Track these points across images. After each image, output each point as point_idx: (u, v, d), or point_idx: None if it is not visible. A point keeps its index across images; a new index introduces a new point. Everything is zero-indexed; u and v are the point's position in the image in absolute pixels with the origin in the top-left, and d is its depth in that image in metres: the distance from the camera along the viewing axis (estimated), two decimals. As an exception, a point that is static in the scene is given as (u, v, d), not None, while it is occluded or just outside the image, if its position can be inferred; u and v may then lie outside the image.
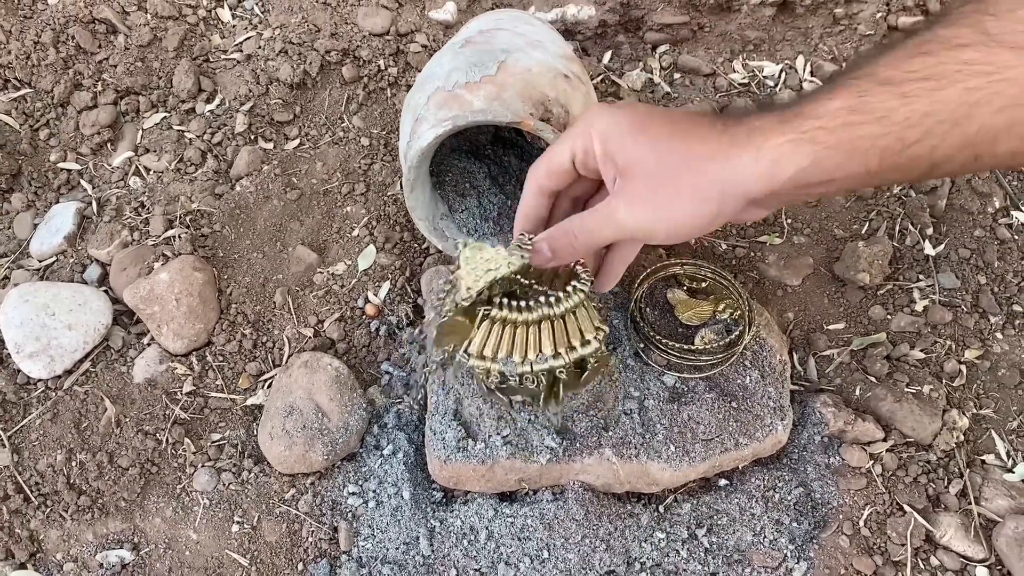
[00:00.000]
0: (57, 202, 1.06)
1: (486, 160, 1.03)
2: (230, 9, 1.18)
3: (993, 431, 0.95)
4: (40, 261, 1.02)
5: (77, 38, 1.13)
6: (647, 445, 0.86)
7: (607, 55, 1.18)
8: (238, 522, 0.89)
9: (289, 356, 0.96)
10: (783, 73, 1.17)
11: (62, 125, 1.11)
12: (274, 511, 0.90)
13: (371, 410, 0.94)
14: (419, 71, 1.13)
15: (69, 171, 1.08)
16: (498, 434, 0.86)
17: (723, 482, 0.91)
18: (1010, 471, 0.92)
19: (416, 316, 1.00)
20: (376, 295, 1.00)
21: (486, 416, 0.87)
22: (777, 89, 1.15)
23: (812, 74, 1.16)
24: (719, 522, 0.88)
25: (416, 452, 0.92)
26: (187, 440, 0.93)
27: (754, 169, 0.56)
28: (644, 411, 0.88)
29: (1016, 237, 1.05)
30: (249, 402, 0.95)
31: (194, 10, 1.17)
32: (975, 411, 0.96)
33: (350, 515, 0.89)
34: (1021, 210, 1.07)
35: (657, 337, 0.91)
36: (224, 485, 0.91)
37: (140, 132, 1.10)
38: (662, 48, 1.18)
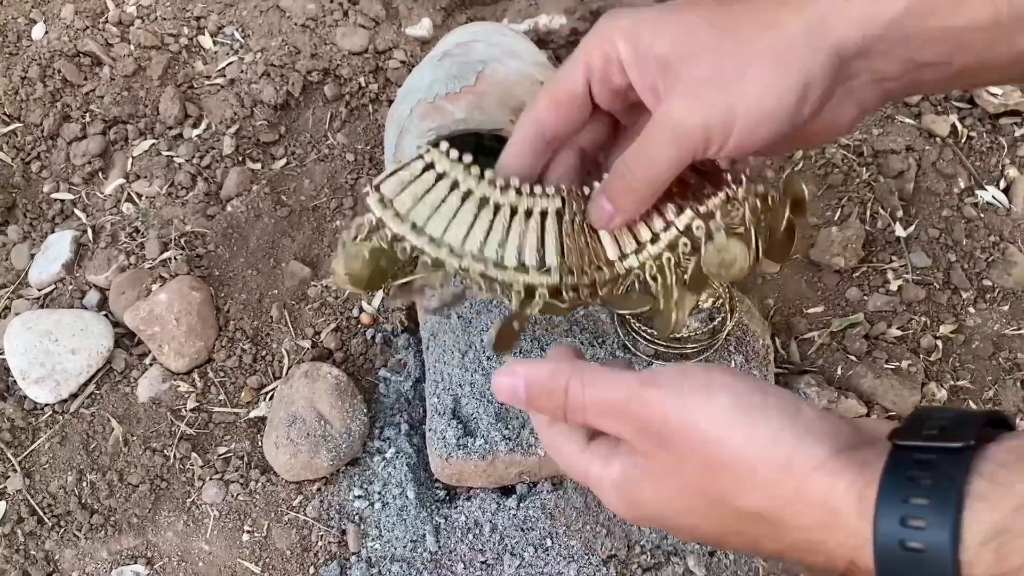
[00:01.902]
0: (52, 232, 1.09)
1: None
2: (211, 36, 1.21)
3: (971, 401, 0.99)
4: (39, 290, 1.05)
5: (63, 71, 1.15)
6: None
7: (580, 62, 1.22)
8: (249, 531, 0.92)
9: (289, 368, 0.99)
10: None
11: (53, 157, 1.13)
12: (283, 518, 0.92)
13: (372, 414, 0.97)
14: (399, 86, 1.16)
15: (63, 201, 1.11)
16: (496, 430, 0.89)
17: (715, 464, 0.94)
18: (989, 438, 0.96)
19: (410, 322, 1.03)
20: (370, 304, 1.03)
21: (483, 413, 0.90)
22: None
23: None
24: (714, 503, 0.92)
25: (417, 453, 0.95)
26: (194, 455, 0.95)
27: (846, 10, 0.45)
28: (636, 400, 0.91)
29: (982, 215, 1.09)
30: (252, 414, 0.98)
31: (176, 39, 1.20)
32: (952, 383, 1.00)
33: (357, 517, 0.92)
34: (985, 189, 1.11)
35: (644, 328, 0.94)
36: (233, 496, 0.93)
37: (130, 160, 1.13)
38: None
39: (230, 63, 1.19)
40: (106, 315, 1.02)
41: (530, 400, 0.47)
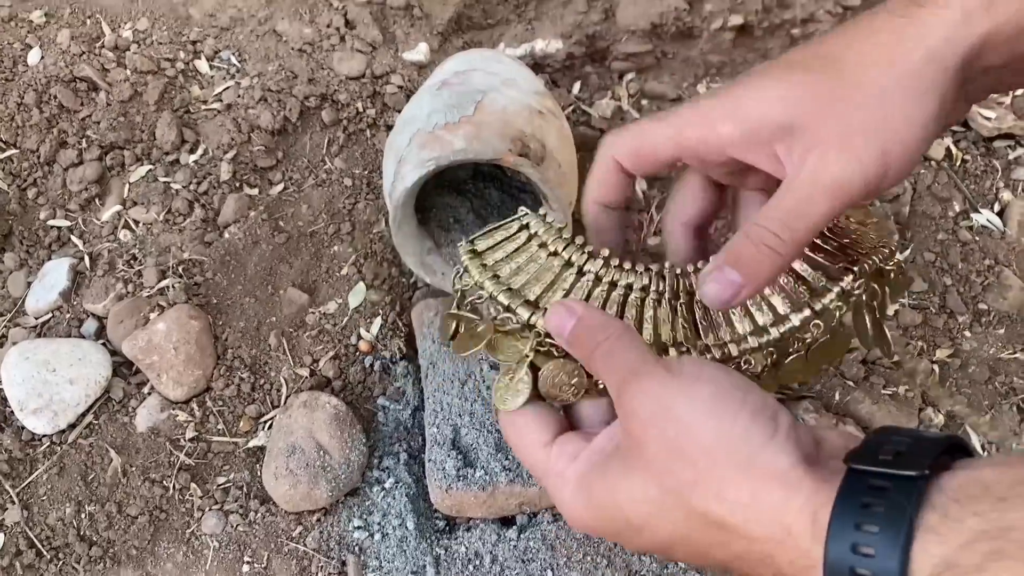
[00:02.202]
0: (49, 259, 1.08)
1: (468, 195, 1.07)
2: (208, 60, 1.21)
3: (967, 425, 0.99)
4: (36, 318, 1.04)
5: (59, 97, 1.15)
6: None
7: (576, 86, 1.23)
8: (248, 562, 0.91)
9: (287, 397, 0.99)
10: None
11: (49, 183, 1.13)
12: (283, 549, 0.92)
13: (371, 443, 0.97)
14: (396, 111, 1.17)
15: (59, 228, 1.11)
16: (496, 460, 0.89)
17: (715, 492, 0.94)
18: (986, 463, 0.96)
19: (408, 349, 1.03)
20: (368, 331, 1.03)
21: (483, 443, 0.90)
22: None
23: (774, 93, 1.21)
24: (713, 531, 0.92)
25: (416, 482, 0.95)
26: (193, 485, 0.95)
27: (966, 27, 0.45)
28: (635, 429, 0.92)
29: (977, 238, 1.10)
30: (251, 444, 0.97)
31: (172, 63, 1.20)
32: (949, 408, 1.00)
33: (357, 548, 0.92)
34: (980, 212, 1.12)
35: None
36: (232, 527, 0.93)
37: (127, 186, 1.13)
38: (628, 76, 1.23)
39: (227, 88, 1.19)
40: (104, 344, 1.02)
41: (576, 333, 0.49)
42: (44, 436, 0.97)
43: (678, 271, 0.56)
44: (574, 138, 1.03)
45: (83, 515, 0.93)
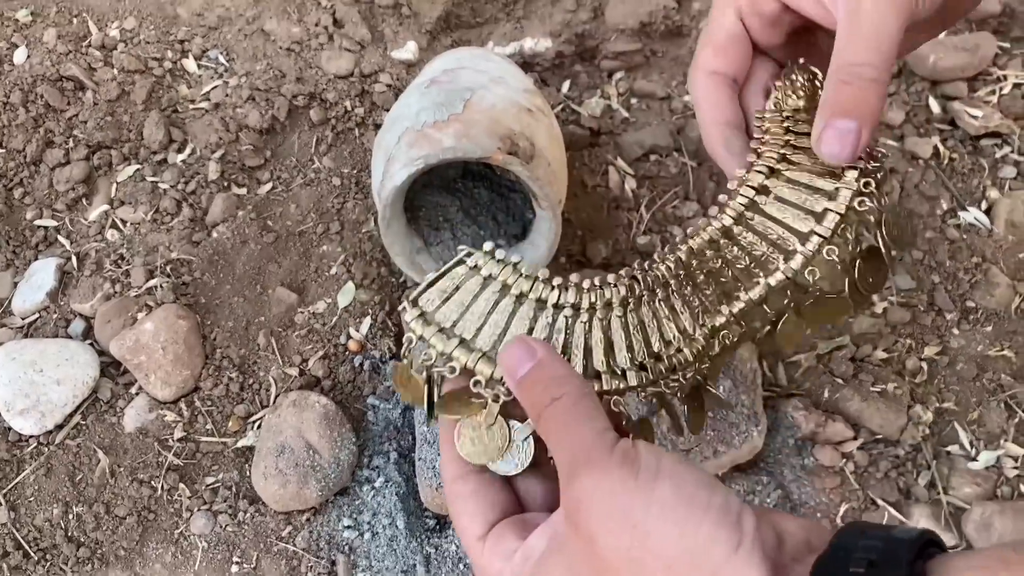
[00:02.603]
0: (36, 259, 1.08)
1: (457, 194, 1.07)
2: (195, 59, 1.21)
3: (956, 423, 0.99)
4: (23, 319, 1.04)
5: (46, 96, 1.15)
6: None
7: (566, 84, 1.23)
8: (237, 562, 0.91)
9: (276, 396, 0.99)
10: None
11: (36, 183, 1.12)
12: (272, 549, 0.92)
13: (360, 442, 0.96)
14: (385, 110, 1.16)
15: (46, 228, 1.10)
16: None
17: (705, 490, 0.95)
18: (974, 459, 0.97)
19: (398, 348, 1.03)
20: (358, 331, 1.03)
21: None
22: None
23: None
24: (703, 528, 0.92)
25: (407, 481, 0.94)
26: (182, 485, 0.94)
27: None
28: (625, 427, 0.92)
29: (964, 236, 1.10)
30: (240, 444, 0.97)
31: (160, 62, 1.20)
32: (938, 405, 1.00)
33: (347, 548, 0.91)
34: (967, 210, 1.12)
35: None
36: (221, 527, 0.93)
37: (114, 185, 1.12)
38: (618, 75, 1.23)
39: (215, 87, 1.19)
40: (91, 344, 1.01)
41: (531, 378, 0.44)
42: (31, 437, 0.96)
43: (646, 264, 0.52)
44: (563, 137, 1.03)
45: (71, 516, 0.93)
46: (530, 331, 0.49)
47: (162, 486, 0.94)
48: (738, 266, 0.51)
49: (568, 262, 1.08)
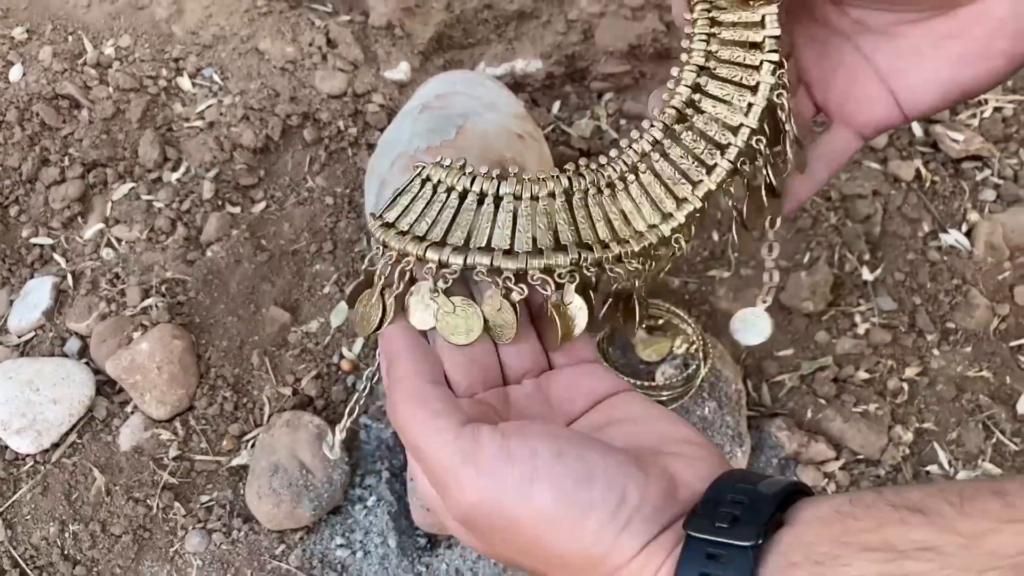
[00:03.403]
0: (31, 277, 1.09)
1: (448, 216, 1.08)
2: (190, 78, 1.22)
3: (935, 443, 1.02)
4: (19, 336, 1.05)
5: (41, 115, 1.16)
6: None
7: (556, 105, 1.25)
8: (231, 580, 0.93)
9: (270, 416, 1.00)
10: None
11: (31, 201, 1.13)
12: (265, 567, 0.93)
13: (353, 461, 0.98)
14: (378, 130, 1.18)
15: (41, 246, 1.11)
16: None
17: (690, 509, 0.97)
18: (952, 479, 0.99)
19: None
20: (351, 350, 1.04)
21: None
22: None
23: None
24: (689, 547, 0.94)
25: (398, 500, 0.96)
26: (177, 504, 0.96)
27: None
28: (612, 448, 0.94)
29: (945, 258, 1.13)
30: (234, 463, 0.99)
31: (155, 81, 1.21)
32: (918, 425, 1.03)
33: (339, 566, 0.93)
34: (948, 232, 1.15)
35: (621, 376, 0.97)
36: (216, 545, 0.94)
37: (109, 204, 1.13)
38: (607, 96, 1.25)
39: (209, 106, 1.20)
40: (87, 363, 1.03)
41: (389, 364, 0.47)
42: (27, 456, 0.98)
43: (594, 165, 0.55)
44: (553, 157, 1.04)
45: (67, 534, 0.94)
46: (475, 219, 0.53)
47: (157, 504, 0.96)
48: (681, 165, 0.54)
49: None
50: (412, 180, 0.56)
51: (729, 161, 0.53)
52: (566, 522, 0.40)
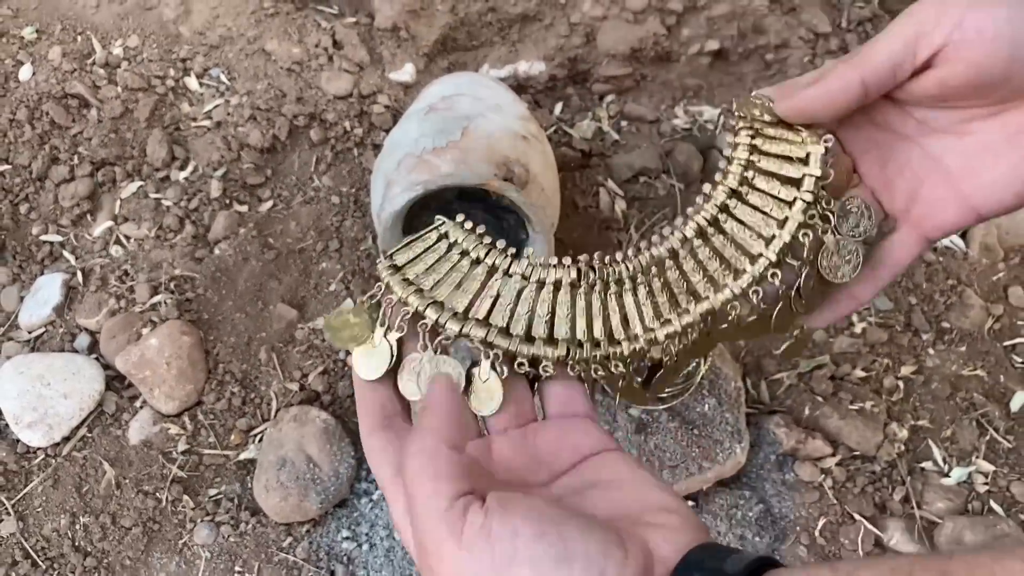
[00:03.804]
0: (42, 274, 1.11)
1: (453, 215, 1.10)
2: (197, 78, 1.24)
3: (930, 440, 1.04)
4: (30, 332, 1.07)
5: (51, 114, 1.17)
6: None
7: (558, 106, 1.26)
8: (239, 572, 0.94)
9: (277, 411, 1.02)
10: (722, 116, 1.26)
11: (41, 199, 1.15)
12: (273, 559, 0.95)
13: (358, 455, 1.00)
14: (383, 131, 1.20)
15: (52, 243, 1.13)
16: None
17: (690, 504, 0.99)
18: (946, 476, 1.01)
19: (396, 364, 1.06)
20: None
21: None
22: (717, 132, 1.24)
23: (748, 116, 1.25)
24: (688, 541, 0.96)
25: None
26: (185, 497, 0.98)
27: None
28: (614, 443, 0.96)
29: (940, 259, 1.15)
30: (242, 457, 1.00)
31: (162, 80, 1.23)
32: (913, 422, 1.05)
33: (345, 559, 0.95)
34: (944, 234, 1.17)
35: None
36: (224, 538, 0.96)
37: (118, 202, 1.15)
38: (609, 98, 1.27)
39: (216, 106, 1.22)
40: (97, 358, 1.04)
41: (433, 412, 0.46)
42: (39, 449, 0.99)
43: (607, 259, 0.55)
44: (555, 158, 1.06)
45: (78, 526, 0.96)
46: (481, 288, 0.53)
47: (166, 497, 0.97)
48: (693, 279, 0.54)
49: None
50: (430, 231, 0.56)
51: (740, 288, 0.52)
52: None
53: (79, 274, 1.10)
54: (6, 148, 1.16)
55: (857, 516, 0.97)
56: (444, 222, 0.56)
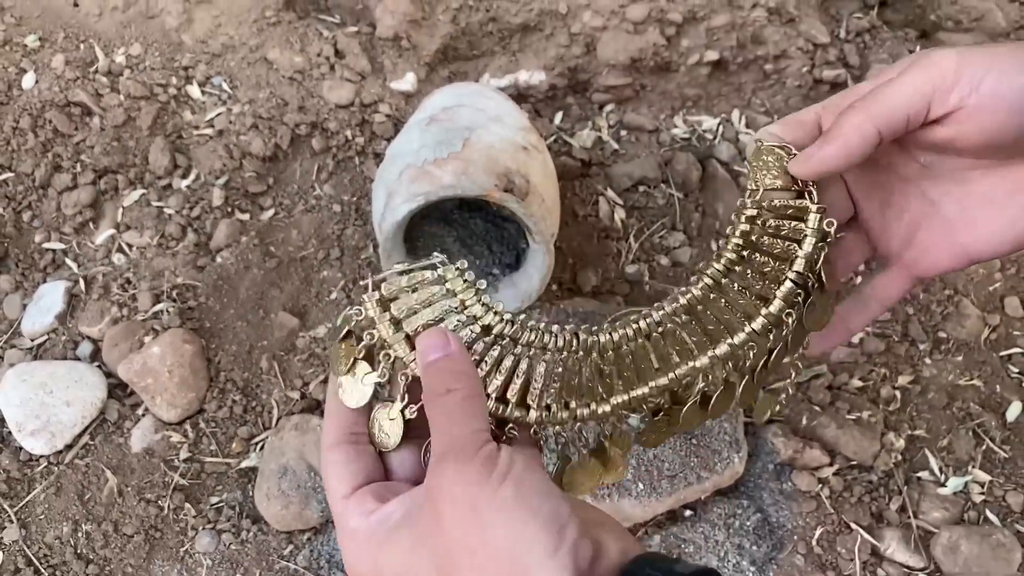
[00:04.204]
0: (44, 281, 1.11)
1: (454, 224, 1.11)
2: (199, 86, 1.25)
3: (926, 450, 1.05)
4: (32, 340, 1.07)
5: (54, 122, 1.18)
6: (619, 484, 0.94)
7: (558, 116, 1.27)
8: (240, 579, 0.95)
9: (278, 419, 1.03)
10: (720, 126, 1.27)
11: (44, 206, 1.16)
12: (274, 567, 0.96)
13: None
14: (385, 139, 1.21)
15: (54, 251, 1.13)
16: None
17: (688, 513, 0.99)
18: (943, 485, 1.02)
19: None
20: (357, 355, 1.07)
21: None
22: (716, 141, 1.25)
23: (747, 126, 1.26)
24: (686, 550, 0.97)
25: (404, 502, 0.98)
26: (187, 504, 0.98)
27: None
28: (613, 453, 0.96)
29: (937, 269, 1.16)
30: (243, 465, 1.01)
31: (165, 89, 1.23)
32: (909, 432, 1.06)
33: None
34: (941, 244, 1.17)
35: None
36: (225, 545, 0.96)
37: (120, 210, 1.16)
38: (608, 107, 1.28)
39: (219, 114, 1.22)
40: (99, 366, 1.05)
41: (438, 365, 0.47)
42: (41, 456, 1.00)
43: (593, 328, 0.55)
44: (555, 167, 1.07)
45: (80, 534, 0.96)
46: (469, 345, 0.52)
47: (168, 505, 0.98)
48: (688, 340, 0.53)
49: (559, 290, 1.13)
50: (427, 267, 0.55)
51: (729, 345, 0.52)
52: (512, 519, 0.42)
53: (81, 282, 1.10)
54: (9, 156, 1.17)
55: (854, 525, 0.98)
56: (443, 261, 0.55)
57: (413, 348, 0.51)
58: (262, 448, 1.01)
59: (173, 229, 1.13)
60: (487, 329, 0.54)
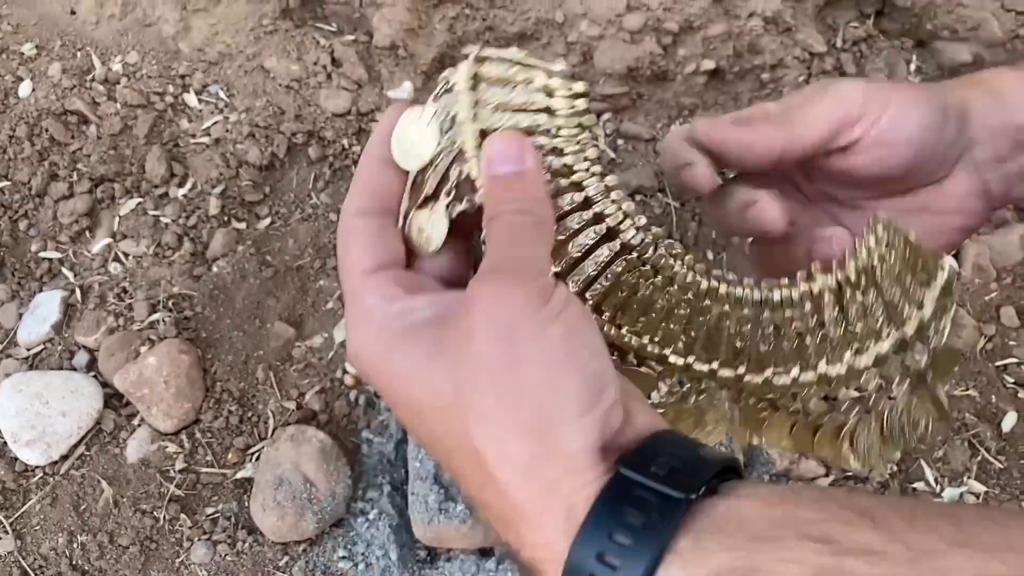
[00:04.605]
0: (40, 291, 1.11)
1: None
2: (196, 94, 1.24)
3: (922, 460, 1.05)
4: (28, 349, 1.07)
5: (51, 130, 1.18)
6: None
7: (555, 125, 1.27)
8: (236, 591, 0.95)
9: (274, 429, 1.03)
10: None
11: (40, 215, 1.16)
12: (270, 578, 0.96)
13: (355, 475, 1.01)
14: (381, 149, 1.21)
15: (50, 260, 1.13)
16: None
17: (684, 524, 0.99)
18: (938, 496, 1.02)
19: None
20: (354, 366, 1.07)
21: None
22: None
23: (744, 135, 1.26)
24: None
25: (399, 514, 0.99)
26: (183, 515, 0.98)
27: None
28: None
29: (933, 279, 1.16)
30: (239, 475, 1.01)
31: (161, 97, 1.23)
32: (906, 443, 1.06)
33: (342, 577, 0.96)
34: (937, 254, 1.18)
35: None
36: (221, 556, 0.97)
37: (117, 219, 1.16)
38: (605, 116, 1.28)
39: (215, 122, 1.22)
40: (95, 376, 1.05)
41: (508, 181, 0.42)
42: (37, 467, 1.00)
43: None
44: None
45: (75, 545, 0.96)
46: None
47: (164, 516, 0.98)
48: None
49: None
50: (537, 68, 0.43)
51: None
52: (554, 362, 0.37)
53: (78, 291, 1.10)
54: (5, 164, 1.17)
55: (849, 537, 0.98)
56: (563, 69, 0.43)
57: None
58: (258, 459, 1.01)
59: (169, 238, 1.13)
60: (598, 218, 0.45)
